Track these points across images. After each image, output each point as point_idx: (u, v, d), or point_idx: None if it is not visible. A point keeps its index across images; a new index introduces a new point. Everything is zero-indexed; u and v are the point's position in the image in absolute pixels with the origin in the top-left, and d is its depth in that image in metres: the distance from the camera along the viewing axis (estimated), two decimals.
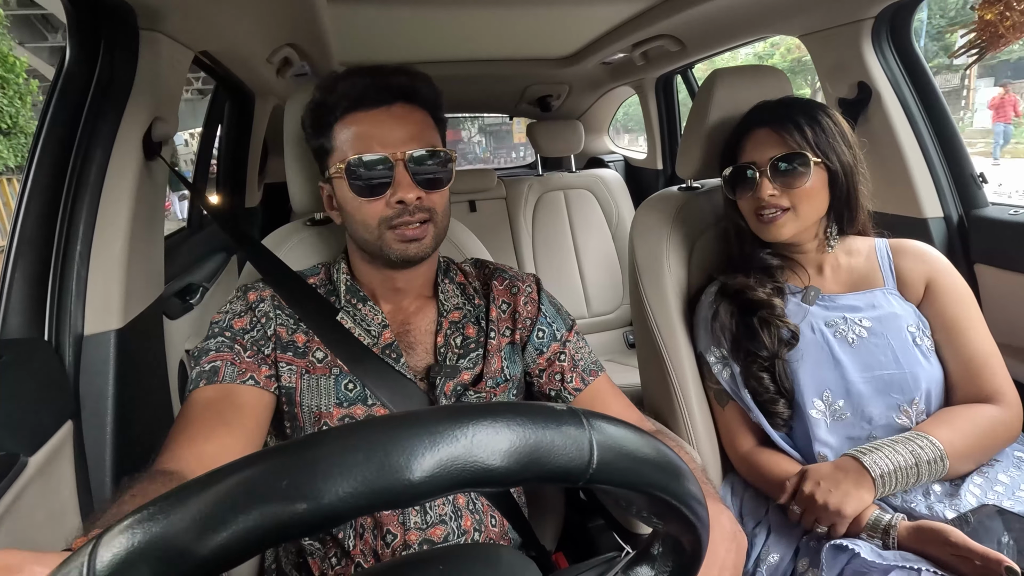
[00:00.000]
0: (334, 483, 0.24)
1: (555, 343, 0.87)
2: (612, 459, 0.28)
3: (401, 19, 1.50)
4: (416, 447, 0.25)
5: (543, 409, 0.28)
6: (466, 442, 0.25)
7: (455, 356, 0.81)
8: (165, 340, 1.19)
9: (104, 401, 0.91)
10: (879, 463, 0.80)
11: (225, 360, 0.73)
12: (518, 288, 0.88)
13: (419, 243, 0.76)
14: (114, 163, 0.96)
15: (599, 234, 2.40)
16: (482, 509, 0.77)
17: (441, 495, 0.25)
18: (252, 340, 0.76)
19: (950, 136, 1.27)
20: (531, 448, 0.26)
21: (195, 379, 0.73)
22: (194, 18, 1.07)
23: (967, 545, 0.70)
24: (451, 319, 0.83)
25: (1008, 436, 0.87)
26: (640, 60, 1.95)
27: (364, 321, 0.80)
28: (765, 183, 0.92)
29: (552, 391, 0.87)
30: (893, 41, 1.28)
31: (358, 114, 0.75)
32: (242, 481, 0.24)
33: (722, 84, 1.09)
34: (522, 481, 0.26)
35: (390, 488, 0.24)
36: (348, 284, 0.83)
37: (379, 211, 0.75)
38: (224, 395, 0.71)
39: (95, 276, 0.93)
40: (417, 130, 0.76)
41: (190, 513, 0.24)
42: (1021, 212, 1.15)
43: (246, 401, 0.72)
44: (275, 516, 0.23)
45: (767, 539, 0.90)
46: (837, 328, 0.93)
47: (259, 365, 0.75)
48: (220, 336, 0.76)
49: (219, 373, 0.72)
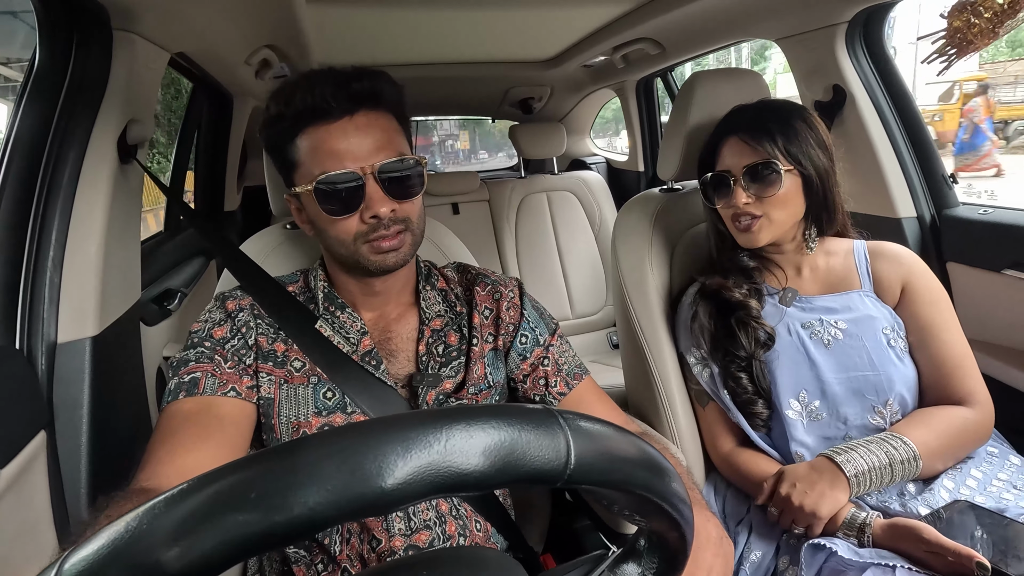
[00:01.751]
0: (305, 493, 0.23)
1: (538, 348, 0.86)
2: (591, 459, 0.27)
3: (381, 21, 1.49)
4: (388, 453, 0.24)
5: (518, 410, 0.27)
6: (439, 447, 0.25)
7: (437, 364, 0.80)
8: (142, 347, 1.16)
9: (79, 410, 0.89)
10: (854, 463, 0.82)
11: (205, 371, 0.71)
12: (500, 293, 0.87)
13: (396, 252, 0.75)
14: (88, 166, 0.94)
15: (582, 236, 2.42)
16: (465, 515, 0.77)
17: (416, 501, 0.24)
18: (233, 350, 0.74)
19: (922, 138, 1.30)
20: (506, 450, 0.25)
21: (174, 390, 0.70)
22: (170, 19, 1.05)
23: (940, 541, 0.71)
24: (433, 327, 0.82)
25: (979, 437, 0.89)
26: (620, 63, 1.97)
27: (343, 329, 0.79)
28: (739, 191, 0.93)
29: (536, 396, 0.86)
30: (866, 45, 1.31)
31: (320, 127, 0.72)
32: (211, 493, 0.24)
33: (702, 86, 1.11)
34: (499, 484, 0.26)
35: (363, 496, 0.23)
36: (326, 291, 0.81)
37: (353, 227, 0.73)
38: (204, 407, 0.69)
39: (69, 282, 0.91)
40: (385, 138, 0.73)
41: (160, 526, 0.23)
42: (990, 211, 1.19)
43: (227, 413, 0.70)
44: (245, 528, 0.23)
45: (749, 537, 0.91)
46: (813, 330, 0.95)
47: (240, 376, 0.73)
48: (200, 347, 0.73)
49: (199, 385, 0.70)
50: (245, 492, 0.23)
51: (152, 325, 1.31)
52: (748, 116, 0.97)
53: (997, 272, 1.13)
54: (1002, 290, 1.13)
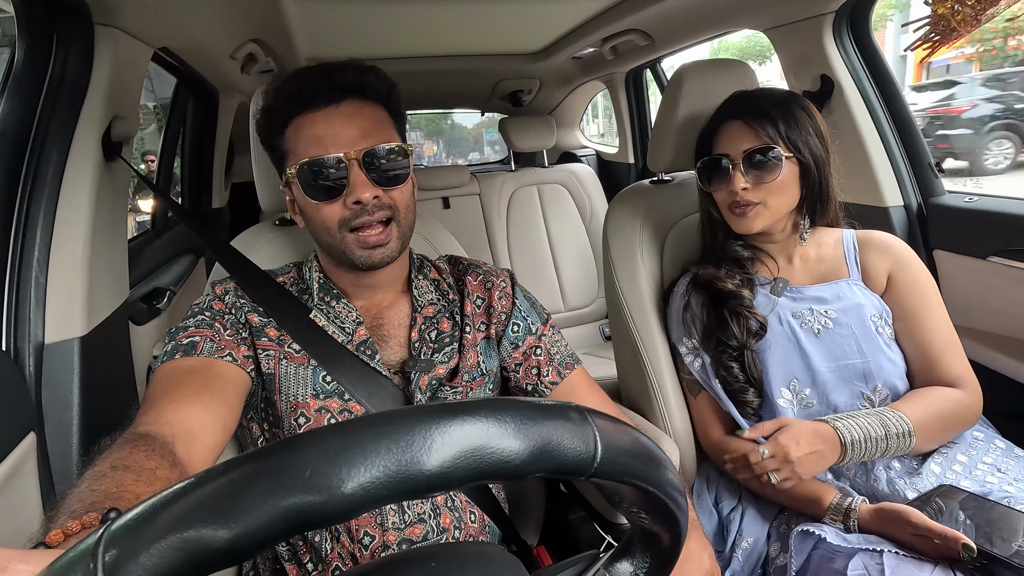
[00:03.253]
0: (359, 472, 0.24)
1: (530, 336, 0.87)
2: (614, 455, 0.29)
3: (368, 14, 1.48)
4: (436, 436, 0.25)
5: (553, 405, 0.29)
6: (483, 433, 0.26)
7: (429, 351, 0.80)
8: (132, 346, 1.15)
9: (68, 411, 0.88)
10: (851, 431, 0.83)
11: (204, 336, 0.72)
12: (492, 283, 0.88)
13: (383, 248, 0.75)
14: (72, 165, 0.92)
15: (573, 228, 2.42)
16: (460, 506, 0.77)
17: (461, 485, 0.26)
18: (231, 321, 0.76)
19: (908, 127, 1.31)
20: (544, 440, 0.27)
21: (170, 351, 0.71)
22: (152, 13, 1.04)
23: (926, 524, 0.72)
24: (425, 314, 0.83)
25: (969, 419, 0.90)
26: (610, 55, 1.96)
27: (338, 318, 0.79)
28: (738, 176, 0.93)
29: (528, 385, 0.87)
30: (853, 35, 1.32)
31: (307, 115, 0.74)
32: (263, 469, 0.24)
33: (690, 78, 1.11)
34: (535, 471, 0.27)
35: (414, 477, 0.24)
36: (321, 282, 0.82)
37: (337, 213, 0.74)
38: (206, 366, 0.70)
39: (55, 282, 0.90)
40: (370, 126, 0.74)
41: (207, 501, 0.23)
42: (975, 200, 1.20)
43: (228, 373, 0.71)
44: (297, 505, 0.23)
45: (741, 525, 0.92)
46: (804, 319, 0.96)
47: (238, 345, 0.74)
48: (200, 315, 0.75)
49: (197, 347, 0.71)
50: (301, 470, 0.24)
51: (141, 324, 1.30)
52: (749, 101, 0.96)
53: (983, 259, 1.15)
54: (987, 277, 1.15)
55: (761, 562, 0.88)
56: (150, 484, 0.50)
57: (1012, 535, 0.70)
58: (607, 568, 0.40)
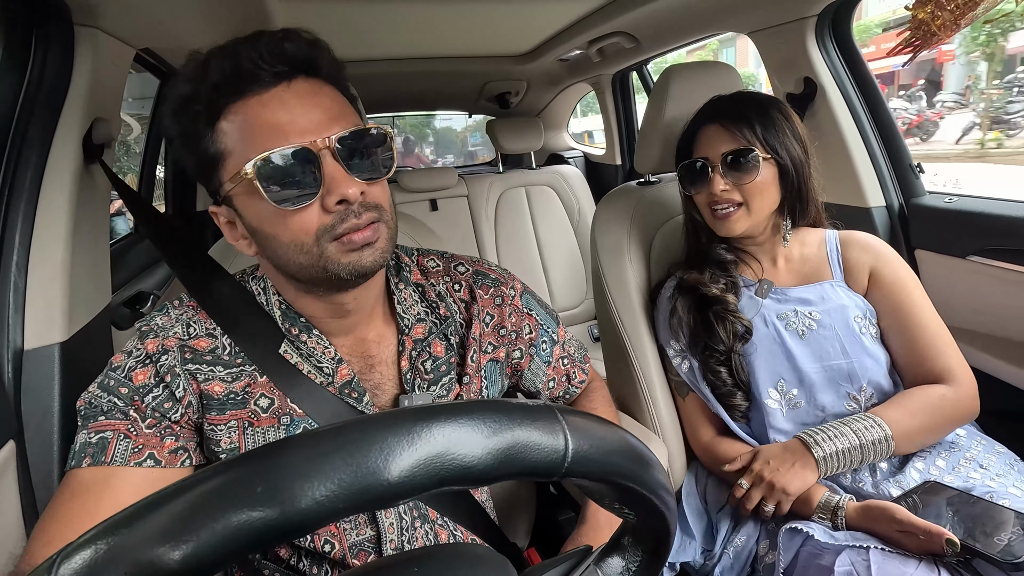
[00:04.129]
0: (312, 486, 0.23)
1: (556, 347, 0.86)
2: (587, 453, 0.28)
3: (354, 15, 1.47)
4: (394, 446, 0.24)
5: (519, 406, 0.28)
6: (444, 440, 0.25)
7: (425, 383, 0.70)
8: (114, 351, 1.13)
9: (49, 418, 0.86)
10: (822, 446, 0.84)
11: (117, 431, 0.58)
12: (502, 297, 0.78)
13: (372, 247, 0.59)
14: (51, 167, 0.91)
15: (561, 230, 2.42)
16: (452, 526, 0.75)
17: (421, 493, 0.25)
18: (155, 404, 0.61)
19: (889, 129, 1.33)
20: (508, 444, 0.26)
21: (78, 452, 0.59)
22: (134, 13, 1.02)
23: (911, 521, 0.73)
24: (414, 336, 0.71)
25: (961, 414, 0.90)
26: (596, 57, 1.97)
27: (312, 356, 0.65)
28: (717, 178, 0.94)
29: (561, 391, 0.88)
30: (835, 38, 1.33)
31: (249, 99, 0.55)
32: (213, 488, 0.23)
33: (676, 80, 1.12)
34: (500, 477, 0.26)
35: (369, 488, 0.24)
36: (284, 308, 0.66)
37: (314, 220, 0.56)
38: (104, 481, 0.57)
39: (34, 287, 0.88)
40: (336, 108, 0.58)
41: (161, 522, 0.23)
42: (955, 200, 1.22)
43: (134, 486, 0.58)
44: (251, 523, 0.23)
45: (730, 524, 0.93)
46: (788, 321, 0.96)
47: (163, 438, 0.60)
48: (113, 395, 0.60)
49: (107, 451, 0.58)
50: (251, 486, 0.23)
51: (124, 329, 1.28)
52: (727, 105, 0.98)
53: (963, 258, 1.17)
54: (968, 276, 1.17)
55: (751, 560, 0.88)
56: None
57: (994, 530, 0.71)
58: (597, 564, 0.40)
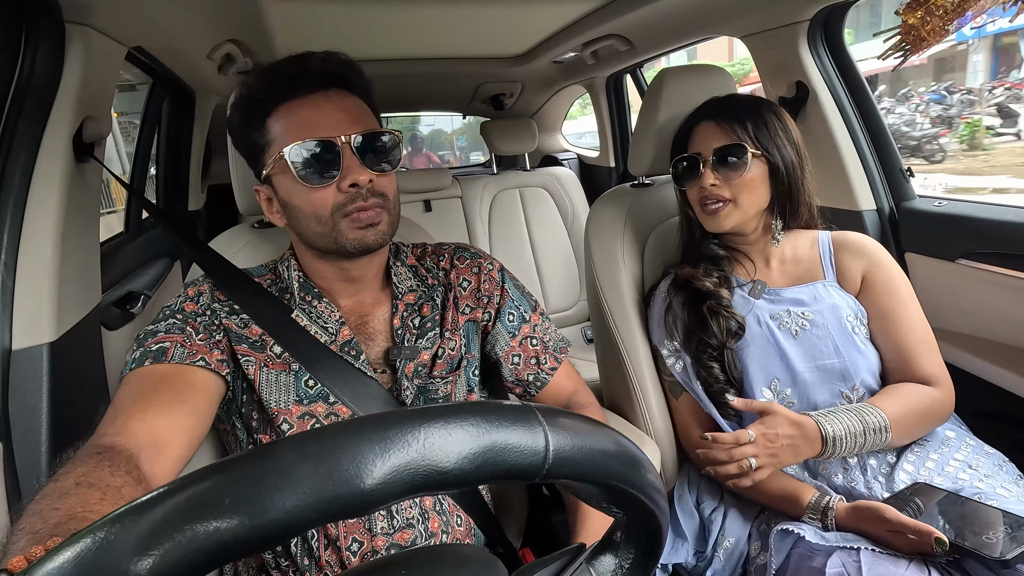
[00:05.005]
0: (281, 496, 0.23)
1: (525, 325, 0.89)
2: (568, 453, 0.28)
3: (349, 15, 1.47)
4: (367, 453, 0.24)
5: (496, 407, 0.28)
6: (418, 445, 0.25)
7: (413, 337, 0.81)
8: (104, 352, 1.12)
9: (37, 420, 0.85)
10: (833, 426, 0.85)
11: (175, 341, 0.70)
12: (479, 266, 0.89)
13: (375, 228, 0.73)
14: (41, 166, 0.90)
15: (555, 231, 2.42)
16: (448, 510, 0.77)
17: (396, 500, 0.25)
18: (204, 324, 0.73)
19: (880, 133, 1.34)
20: (485, 447, 0.26)
21: (139, 358, 0.69)
22: (125, 12, 1.02)
23: (900, 520, 0.74)
24: (406, 301, 0.83)
25: (942, 416, 0.92)
26: (590, 59, 1.98)
27: (320, 318, 0.78)
28: (707, 173, 0.96)
29: (530, 375, 0.89)
30: (827, 42, 1.35)
31: (293, 102, 0.72)
32: (182, 499, 0.23)
33: (670, 83, 1.12)
34: (478, 481, 0.26)
35: (341, 497, 0.23)
36: (301, 281, 0.80)
37: (330, 198, 0.72)
38: (176, 373, 0.68)
39: (23, 286, 0.87)
40: (358, 113, 0.74)
41: (130, 535, 0.22)
42: (945, 204, 1.23)
43: (200, 380, 0.69)
44: (216, 534, 0.22)
45: (723, 525, 0.93)
46: (781, 321, 0.97)
47: (211, 349, 0.72)
48: (171, 318, 0.73)
49: (168, 353, 0.69)
50: (219, 497, 0.23)
51: (114, 329, 1.27)
52: (721, 104, 1.00)
53: (952, 261, 1.18)
54: (957, 279, 1.18)
55: (742, 561, 0.89)
56: (114, 503, 0.48)
57: (983, 529, 0.72)
58: (590, 563, 0.40)
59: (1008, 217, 1.09)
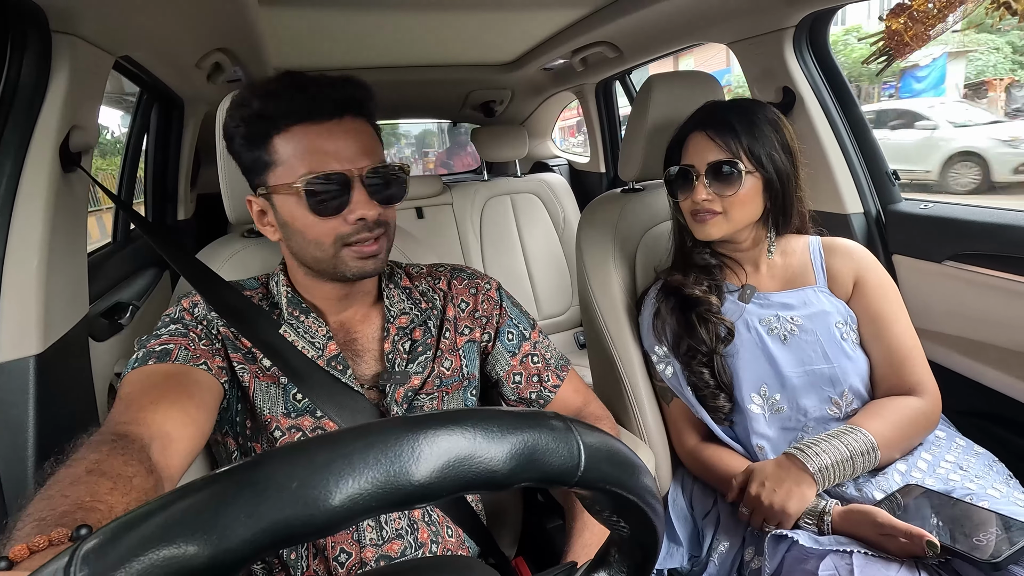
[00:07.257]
0: (346, 483, 0.23)
1: (525, 343, 0.88)
2: (596, 463, 0.29)
3: (338, 23, 1.47)
4: (424, 447, 0.25)
5: (536, 414, 0.29)
6: (468, 443, 0.26)
7: (404, 362, 0.80)
8: (92, 364, 1.11)
9: (23, 433, 0.84)
10: (817, 459, 0.84)
11: (179, 344, 0.71)
12: (477, 287, 0.89)
13: (376, 259, 0.75)
14: (27, 176, 0.89)
15: (546, 237, 2.43)
16: (438, 520, 0.76)
17: (449, 496, 0.26)
18: (204, 331, 0.75)
19: (866, 137, 1.36)
20: (530, 450, 0.27)
21: (142, 358, 0.69)
22: (113, 21, 1.01)
23: (892, 524, 0.74)
24: (398, 324, 0.82)
25: (928, 425, 0.93)
26: (580, 66, 1.99)
27: (308, 333, 0.78)
28: (700, 187, 0.95)
29: (532, 393, 0.88)
30: (812, 48, 1.36)
31: (308, 126, 0.70)
32: (255, 482, 0.23)
33: (659, 89, 1.13)
34: (521, 481, 0.27)
35: (401, 487, 0.24)
36: (289, 296, 0.80)
37: (335, 229, 0.72)
38: (182, 372, 0.68)
39: (8, 298, 0.86)
40: (370, 144, 0.74)
41: (197, 518, 0.22)
42: (930, 206, 1.25)
43: (204, 380, 0.70)
44: (286, 519, 0.23)
45: (716, 530, 0.93)
46: (771, 325, 0.98)
47: (212, 355, 0.73)
48: (173, 325, 0.74)
49: (172, 355, 0.69)
50: (287, 483, 0.23)
51: (102, 340, 1.25)
52: (716, 113, 0.97)
53: (938, 263, 1.19)
54: (943, 280, 1.19)
55: (737, 566, 0.89)
56: (125, 494, 0.48)
57: (974, 531, 0.72)
58: None
59: (993, 219, 1.11)
